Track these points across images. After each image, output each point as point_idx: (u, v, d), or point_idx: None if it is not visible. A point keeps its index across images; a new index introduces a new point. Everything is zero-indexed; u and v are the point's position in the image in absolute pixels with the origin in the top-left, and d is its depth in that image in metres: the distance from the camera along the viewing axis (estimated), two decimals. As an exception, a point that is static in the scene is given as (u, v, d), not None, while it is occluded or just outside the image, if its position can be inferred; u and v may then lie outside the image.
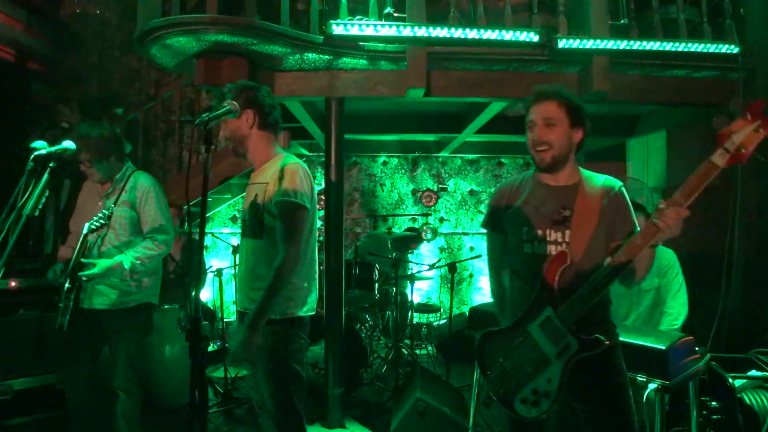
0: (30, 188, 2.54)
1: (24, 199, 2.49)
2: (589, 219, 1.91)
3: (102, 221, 2.84)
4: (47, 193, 2.53)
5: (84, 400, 2.91)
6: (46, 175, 2.56)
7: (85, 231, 2.81)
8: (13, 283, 3.73)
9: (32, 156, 2.46)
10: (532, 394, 1.87)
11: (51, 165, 2.54)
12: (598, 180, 2.03)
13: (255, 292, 2.19)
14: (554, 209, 1.99)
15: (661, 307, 3.33)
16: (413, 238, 5.91)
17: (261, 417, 2.35)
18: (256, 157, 2.36)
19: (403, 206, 7.11)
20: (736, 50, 3.83)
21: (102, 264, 2.73)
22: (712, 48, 3.80)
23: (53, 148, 2.53)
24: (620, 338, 2.07)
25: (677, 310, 3.25)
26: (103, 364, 2.98)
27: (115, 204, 2.89)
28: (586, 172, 2.07)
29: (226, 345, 5.09)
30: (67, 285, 2.77)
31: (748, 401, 2.89)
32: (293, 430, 2.22)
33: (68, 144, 2.61)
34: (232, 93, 2.26)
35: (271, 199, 2.17)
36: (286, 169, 2.20)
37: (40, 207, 2.60)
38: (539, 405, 1.86)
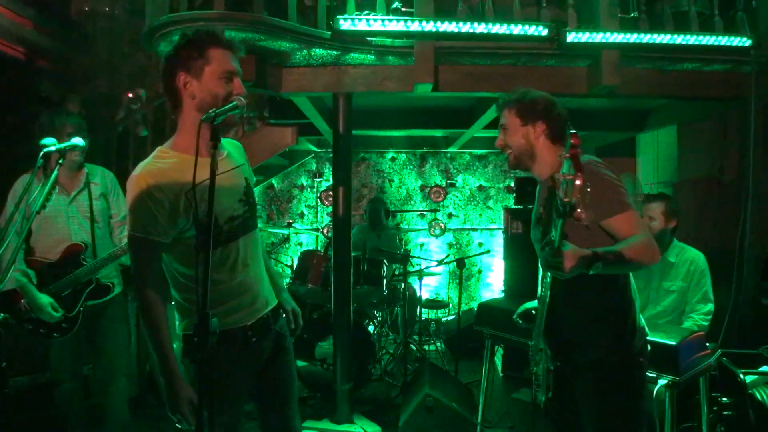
0: (39, 184, 2.55)
1: (33, 196, 2.50)
2: None
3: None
4: (56, 189, 2.54)
5: (79, 396, 3.03)
6: (55, 172, 2.57)
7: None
8: (23, 279, 3.75)
9: (42, 152, 2.47)
10: None
11: (60, 162, 2.55)
12: None
13: (283, 289, 2.21)
14: None
15: (682, 309, 3.27)
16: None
17: None
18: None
19: (412, 202, 7.09)
20: (748, 43, 3.78)
21: None
22: (723, 41, 3.76)
23: (62, 145, 2.54)
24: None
25: (699, 317, 3.16)
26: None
27: (91, 198, 2.89)
28: None
29: None
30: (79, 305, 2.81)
31: (759, 397, 2.86)
32: None
33: (78, 141, 2.62)
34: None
35: (251, 178, 2.07)
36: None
37: (49, 203, 2.62)
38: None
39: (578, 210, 1.53)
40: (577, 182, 1.51)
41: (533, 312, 2.23)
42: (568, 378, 2.01)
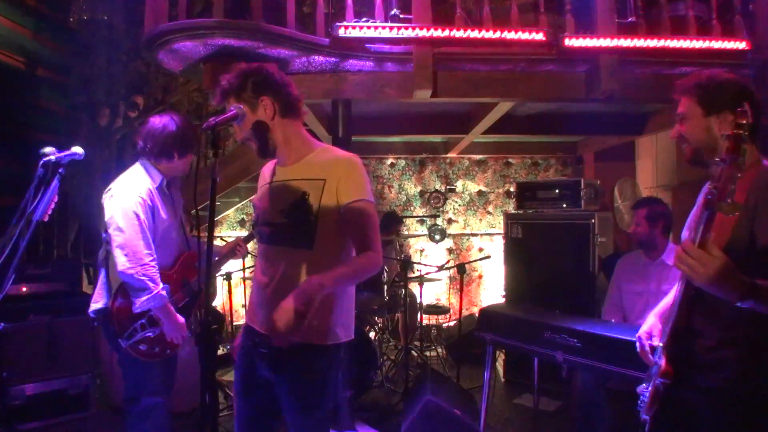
0: (39, 194, 2.54)
1: (33, 206, 2.50)
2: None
3: None
4: (56, 198, 2.54)
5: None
6: (55, 181, 2.57)
7: None
8: (23, 289, 3.75)
9: (42, 162, 2.47)
10: None
11: (60, 171, 2.55)
12: None
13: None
14: None
15: None
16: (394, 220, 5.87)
17: None
18: (289, 150, 1.96)
19: (411, 208, 7.10)
20: (745, 46, 3.80)
21: None
22: (720, 44, 3.77)
23: (62, 154, 2.54)
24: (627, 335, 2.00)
25: None
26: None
27: (181, 212, 2.82)
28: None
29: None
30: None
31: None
32: None
33: (77, 150, 2.61)
34: (236, 85, 1.90)
35: (335, 200, 1.83)
36: (350, 163, 1.89)
37: (49, 213, 2.61)
38: None
39: (726, 200, 1.33)
40: (730, 167, 1.32)
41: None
42: (687, 405, 1.74)
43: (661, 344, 1.77)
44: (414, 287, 5.32)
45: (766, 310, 1.45)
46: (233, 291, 5.10)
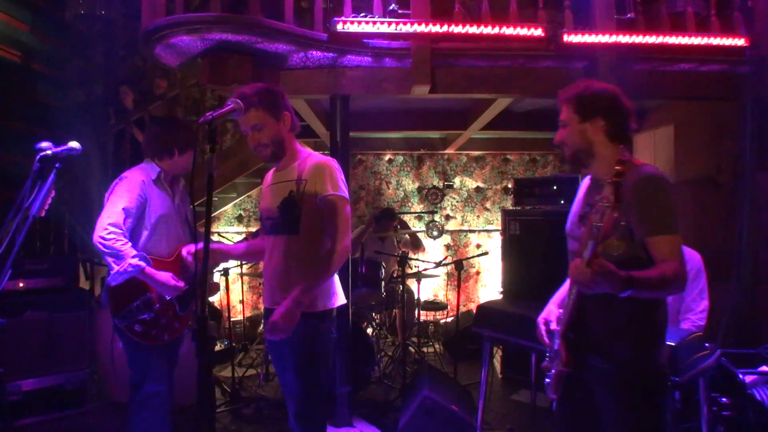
0: (36, 189, 2.53)
1: (30, 200, 2.49)
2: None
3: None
4: (53, 193, 2.53)
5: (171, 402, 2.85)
6: (52, 176, 2.56)
7: None
8: (20, 284, 3.74)
9: (38, 157, 2.46)
10: None
11: (57, 165, 2.53)
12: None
13: (290, 289, 2.27)
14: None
15: (678, 308, 3.26)
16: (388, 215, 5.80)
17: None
18: (288, 156, 2.42)
19: (409, 204, 7.09)
20: (744, 43, 3.79)
21: None
22: (718, 41, 3.77)
23: (59, 149, 2.52)
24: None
25: (696, 317, 3.15)
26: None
27: (186, 206, 2.83)
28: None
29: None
30: None
31: (758, 397, 2.86)
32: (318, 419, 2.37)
33: (74, 145, 2.60)
34: (260, 100, 2.25)
35: (313, 195, 2.28)
36: (326, 166, 2.33)
37: (46, 208, 2.60)
38: None
39: (610, 239, 1.57)
40: (615, 215, 1.54)
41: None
42: (586, 383, 1.90)
43: (558, 329, 1.94)
44: (411, 283, 5.32)
45: (644, 296, 1.73)
46: (230, 287, 5.10)
